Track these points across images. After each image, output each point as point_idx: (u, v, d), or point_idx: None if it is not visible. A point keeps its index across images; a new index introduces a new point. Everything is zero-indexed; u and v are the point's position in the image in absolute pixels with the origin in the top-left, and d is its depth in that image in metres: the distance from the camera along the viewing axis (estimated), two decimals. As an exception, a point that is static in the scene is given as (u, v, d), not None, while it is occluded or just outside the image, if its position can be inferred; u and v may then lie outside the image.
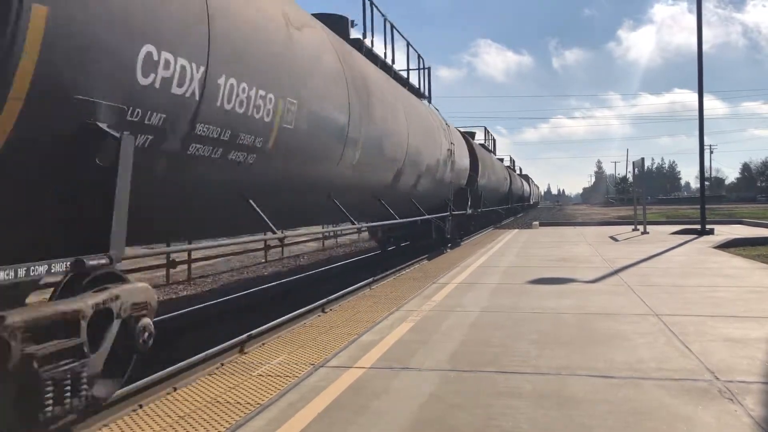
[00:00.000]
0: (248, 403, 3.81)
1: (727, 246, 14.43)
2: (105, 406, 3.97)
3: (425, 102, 15.02)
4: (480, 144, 25.61)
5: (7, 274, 3.07)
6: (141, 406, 3.96)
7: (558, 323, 5.95)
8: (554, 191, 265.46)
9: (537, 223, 28.59)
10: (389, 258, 15.97)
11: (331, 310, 7.32)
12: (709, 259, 11.69)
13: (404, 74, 13.53)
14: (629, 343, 5.09)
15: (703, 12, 18.14)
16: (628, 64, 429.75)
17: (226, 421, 3.50)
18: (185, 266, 14.07)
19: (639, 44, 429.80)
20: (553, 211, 63.56)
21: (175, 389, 4.30)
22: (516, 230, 23.47)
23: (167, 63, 3.95)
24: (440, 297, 7.69)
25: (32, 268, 3.23)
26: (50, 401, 3.29)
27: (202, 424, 3.48)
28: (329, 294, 8.30)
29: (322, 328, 6.04)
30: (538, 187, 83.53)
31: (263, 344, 5.62)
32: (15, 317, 3.14)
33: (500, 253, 13.58)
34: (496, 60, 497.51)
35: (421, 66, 15.05)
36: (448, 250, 15.59)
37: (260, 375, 4.42)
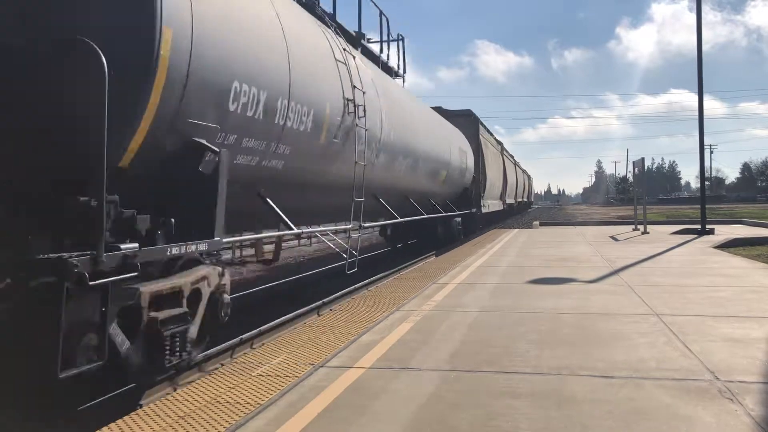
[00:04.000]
0: (248, 403, 3.80)
1: (728, 246, 14.43)
2: (104, 405, 3.99)
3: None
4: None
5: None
6: (140, 406, 3.96)
7: (558, 323, 5.94)
8: (554, 191, 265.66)
9: (537, 222, 28.60)
10: (397, 255, 16.10)
11: (331, 310, 7.32)
12: (710, 258, 11.69)
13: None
14: (629, 343, 5.08)
15: (703, 12, 18.13)
16: (628, 64, 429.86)
17: (226, 421, 3.49)
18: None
19: (638, 44, 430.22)
20: (553, 210, 63.50)
21: (175, 389, 4.30)
22: (516, 230, 23.46)
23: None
24: (440, 297, 7.68)
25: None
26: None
27: (202, 424, 3.47)
28: (329, 294, 8.30)
29: (322, 327, 6.03)
30: (529, 177, 60.57)
31: (263, 344, 5.62)
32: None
33: (501, 253, 13.58)
34: (496, 60, 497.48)
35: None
36: (454, 248, 15.63)
37: (260, 375, 4.42)
